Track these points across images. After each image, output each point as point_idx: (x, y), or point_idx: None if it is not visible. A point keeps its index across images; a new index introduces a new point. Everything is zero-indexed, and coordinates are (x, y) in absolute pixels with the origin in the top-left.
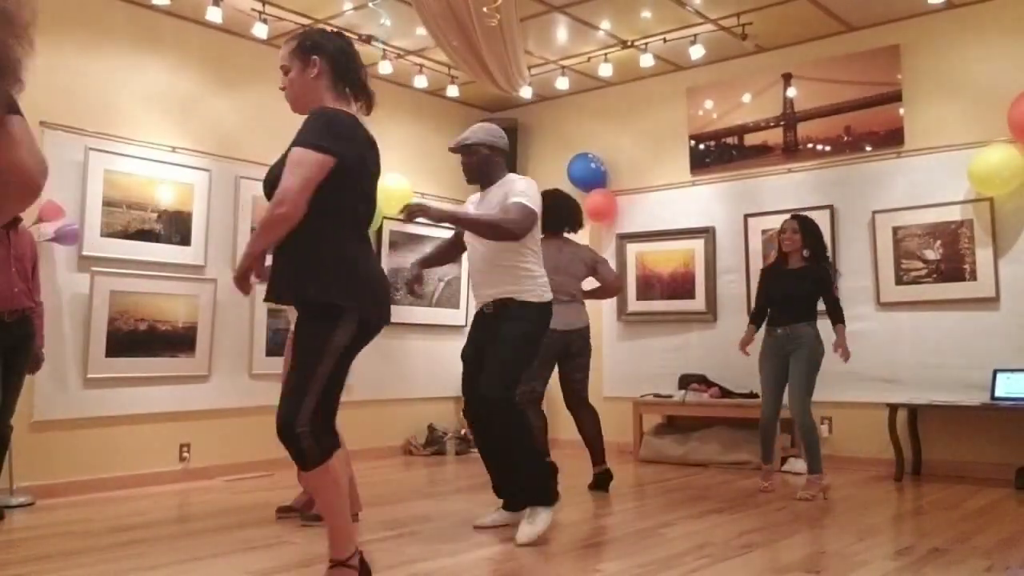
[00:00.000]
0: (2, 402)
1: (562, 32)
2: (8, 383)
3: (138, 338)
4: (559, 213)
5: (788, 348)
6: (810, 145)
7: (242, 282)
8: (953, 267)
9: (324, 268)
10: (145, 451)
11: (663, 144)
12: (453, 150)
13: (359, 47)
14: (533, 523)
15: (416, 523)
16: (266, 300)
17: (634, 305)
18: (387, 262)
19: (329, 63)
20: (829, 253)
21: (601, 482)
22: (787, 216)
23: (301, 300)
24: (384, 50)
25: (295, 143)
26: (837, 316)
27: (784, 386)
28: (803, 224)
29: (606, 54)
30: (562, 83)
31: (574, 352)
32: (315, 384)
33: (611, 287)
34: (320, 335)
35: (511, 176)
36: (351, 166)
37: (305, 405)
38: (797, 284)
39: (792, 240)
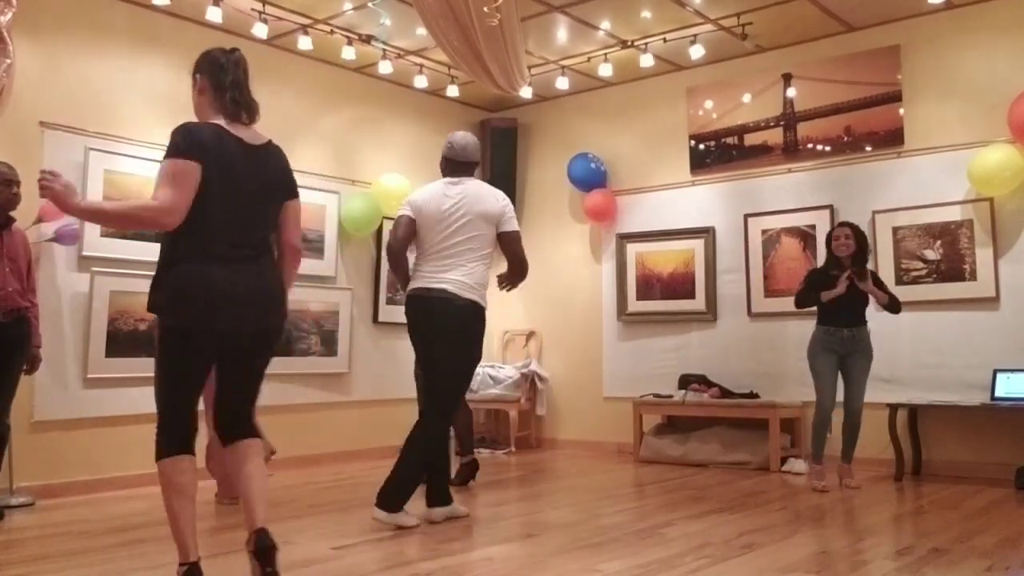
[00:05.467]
0: None
1: (562, 32)
2: (3, 383)
3: (138, 338)
4: None
5: (850, 348)
6: (810, 145)
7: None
8: (953, 267)
9: (156, 278)
10: (145, 451)
11: (663, 144)
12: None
13: (359, 47)
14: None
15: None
16: None
17: (634, 305)
18: (387, 262)
19: (207, 79)
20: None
21: (466, 473)
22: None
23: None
24: (384, 50)
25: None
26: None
27: (837, 382)
28: (855, 231)
29: (606, 54)
30: (562, 83)
31: None
32: (156, 387)
33: None
34: (156, 343)
35: None
36: (208, 175)
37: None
38: (858, 288)
39: (847, 245)
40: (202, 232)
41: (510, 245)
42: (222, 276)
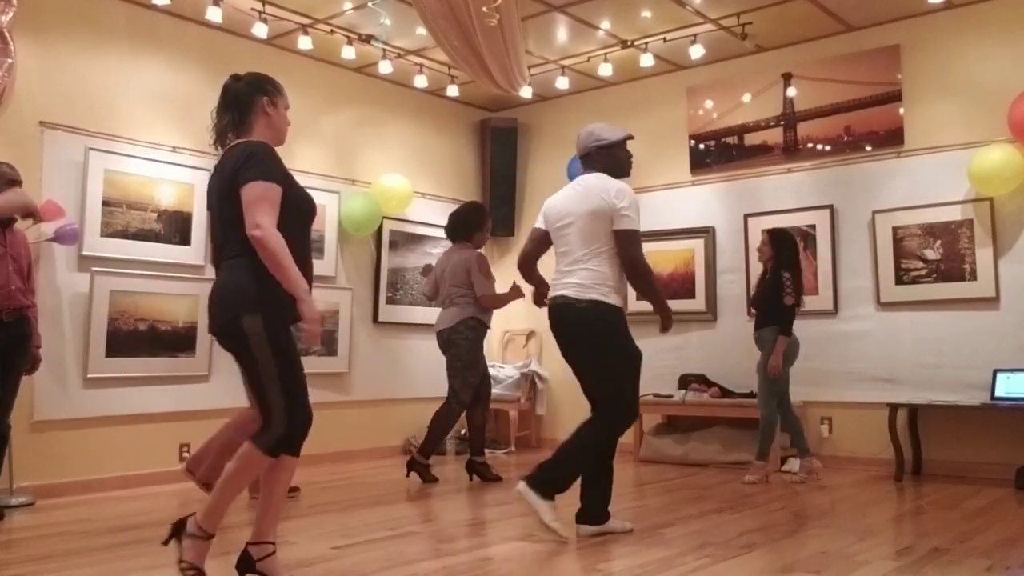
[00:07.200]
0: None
1: (562, 32)
2: (6, 382)
3: (138, 338)
4: (457, 223)
5: (763, 350)
6: (810, 145)
7: None
8: (953, 267)
9: None
10: (145, 451)
11: (663, 144)
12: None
13: (359, 47)
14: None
15: (416, 523)
16: None
17: (634, 305)
18: (387, 262)
19: None
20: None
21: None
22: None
23: None
24: (384, 50)
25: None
26: (780, 324)
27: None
28: (772, 236)
29: (606, 54)
30: (562, 83)
31: (443, 351)
32: None
33: (477, 297)
34: None
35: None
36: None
37: None
38: (760, 291)
39: (761, 252)
40: None
41: (619, 246)
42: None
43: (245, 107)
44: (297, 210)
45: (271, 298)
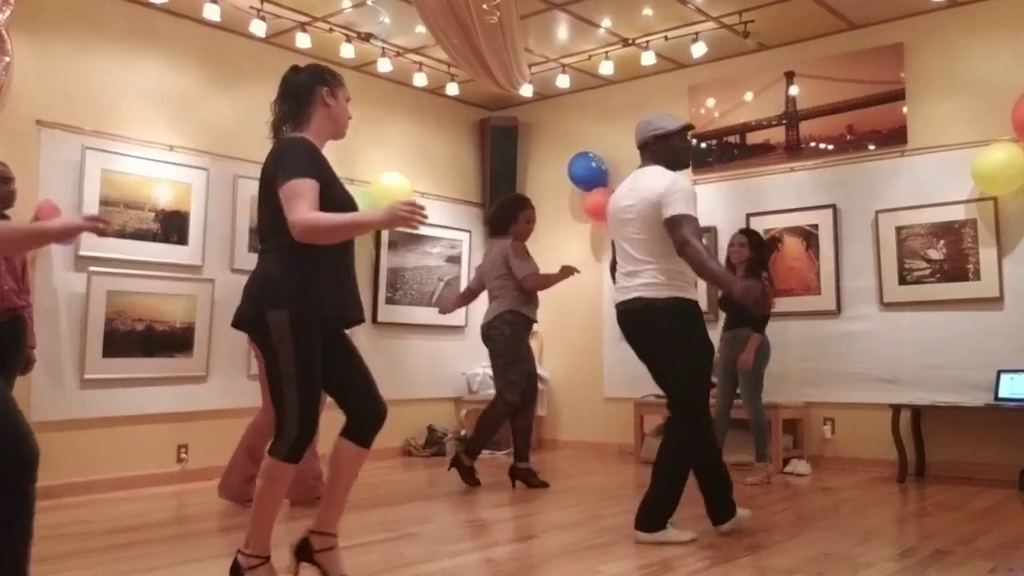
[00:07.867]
0: None
1: (563, 30)
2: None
3: (135, 338)
4: (492, 216)
5: (737, 350)
6: (813, 144)
7: None
8: (957, 267)
9: None
10: (143, 452)
11: None
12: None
13: (358, 45)
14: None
15: (416, 524)
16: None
17: None
18: (386, 262)
19: None
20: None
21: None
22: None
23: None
24: (383, 48)
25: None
26: (755, 323)
27: (734, 383)
28: (750, 238)
29: (607, 52)
30: (563, 81)
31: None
32: None
33: (521, 283)
34: None
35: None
36: None
37: None
38: None
39: (739, 252)
40: None
41: (669, 233)
42: None
43: (304, 98)
44: (336, 209)
45: (301, 294)
